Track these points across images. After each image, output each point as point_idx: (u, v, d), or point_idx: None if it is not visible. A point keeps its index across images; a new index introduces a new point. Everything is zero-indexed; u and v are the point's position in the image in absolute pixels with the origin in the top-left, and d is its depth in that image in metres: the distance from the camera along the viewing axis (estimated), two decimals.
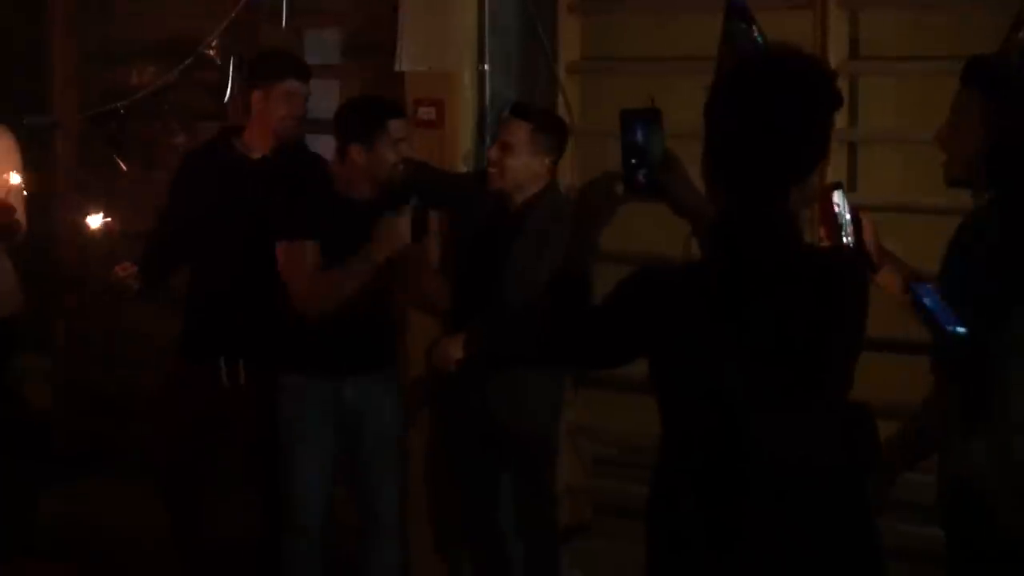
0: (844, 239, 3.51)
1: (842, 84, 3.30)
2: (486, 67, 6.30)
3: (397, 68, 6.32)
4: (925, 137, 4.21)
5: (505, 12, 6.37)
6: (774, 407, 3.12)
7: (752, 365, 3.11)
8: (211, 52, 6.85)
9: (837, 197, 3.51)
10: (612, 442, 6.61)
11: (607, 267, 3.46)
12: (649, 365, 3.26)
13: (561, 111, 6.33)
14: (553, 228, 5.49)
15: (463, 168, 6.25)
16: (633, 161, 3.32)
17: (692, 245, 3.40)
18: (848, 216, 3.52)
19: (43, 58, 7.97)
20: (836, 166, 5.08)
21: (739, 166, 3.17)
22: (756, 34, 4.87)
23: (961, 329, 3.64)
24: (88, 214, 6.17)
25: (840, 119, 3.58)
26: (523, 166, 5.65)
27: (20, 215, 6.26)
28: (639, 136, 3.31)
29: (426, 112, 6.28)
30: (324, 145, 6.05)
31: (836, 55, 5.69)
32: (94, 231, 6.14)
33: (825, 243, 3.58)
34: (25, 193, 6.30)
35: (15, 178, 6.22)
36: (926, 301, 3.65)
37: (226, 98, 6.84)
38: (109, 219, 6.15)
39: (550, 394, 5.78)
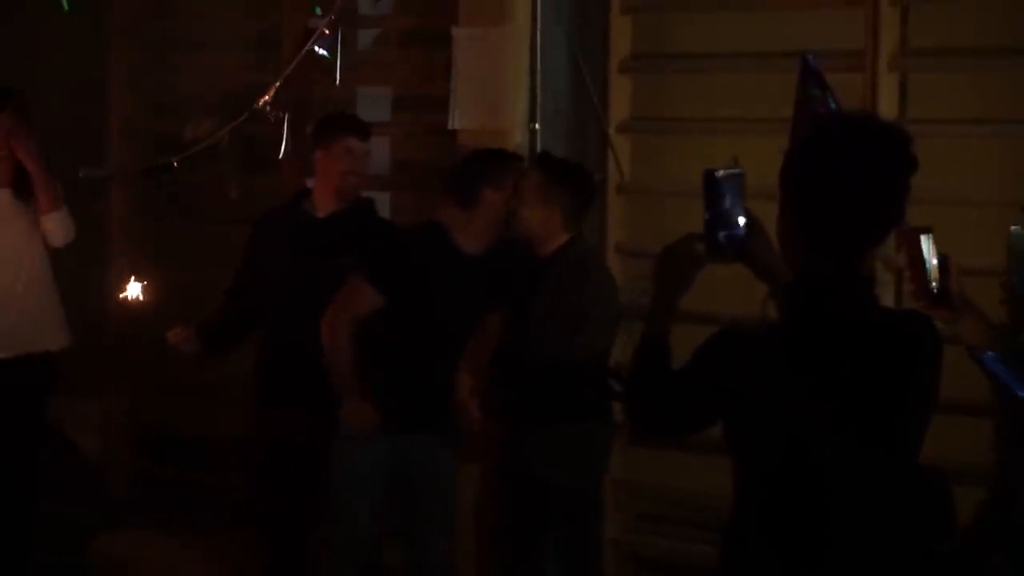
0: (929, 284, 3.46)
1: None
2: (536, 126, 6.36)
3: (450, 126, 6.39)
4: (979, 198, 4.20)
5: (556, 71, 6.43)
6: (853, 466, 3.12)
7: (831, 424, 3.12)
8: (266, 107, 6.90)
9: (924, 242, 3.47)
10: (654, 498, 6.62)
11: (683, 327, 3.43)
12: (724, 425, 3.25)
13: (611, 169, 6.38)
14: (573, 283, 5.55)
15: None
16: (716, 222, 3.26)
17: (769, 307, 3.39)
18: (935, 261, 3.47)
19: (101, 110, 8.05)
20: None
21: (818, 228, 3.18)
22: (830, 99, 4.91)
23: None
24: (123, 285, 6.28)
25: None
26: (533, 214, 5.65)
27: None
28: (722, 196, 3.26)
29: None
30: (377, 203, 6.15)
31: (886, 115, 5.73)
32: (133, 300, 6.24)
33: (911, 286, 3.54)
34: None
35: None
36: (993, 368, 3.60)
37: (280, 153, 6.91)
38: (144, 283, 6.24)
39: (593, 447, 5.78)
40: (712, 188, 3.27)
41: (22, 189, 6.34)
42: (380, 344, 5.63)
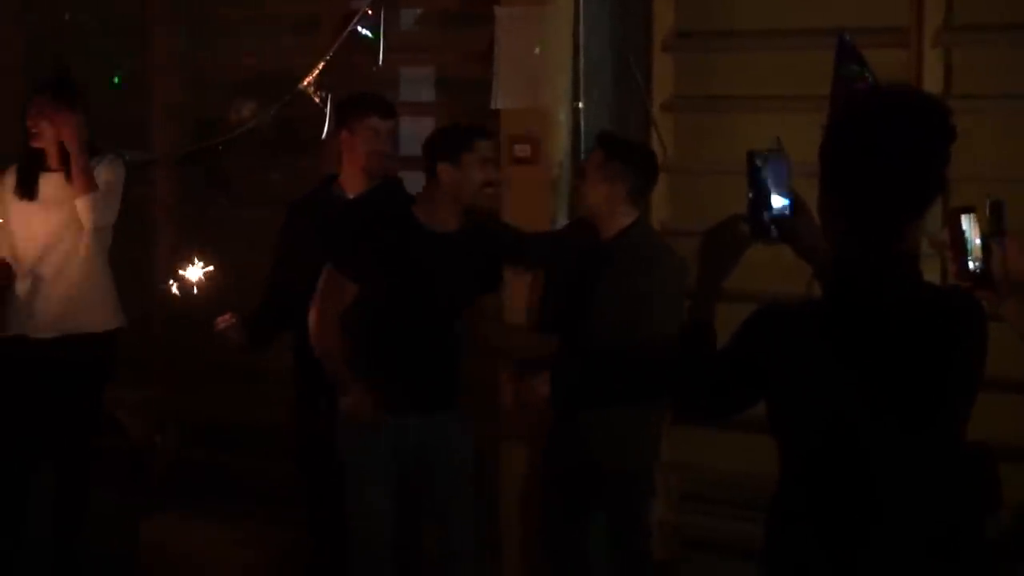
0: (970, 264, 3.44)
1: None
2: (580, 105, 6.35)
3: (493, 106, 6.39)
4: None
5: (600, 50, 6.42)
6: (897, 445, 3.11)
7: (874, 403, 3.10)
8: (309, 89, 6.91)
9: (964, 221, 3.44)
10: (700, 478, 6.62)
11: (725, 306, 3.42)
12: (767, 405, 3.24)
13: (655, 148, 6.37)
14: (638, 266, 5.52)
15: (558, 204, 6.28)
16: (759, 204, 3.26)
17: (815, 287, 3.37)
18: (977, 241, 3.44)
19: (145, 93, 8.09)
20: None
21: (856, 204, 3.16)
22: (868, 75, 4.89)
23: None
24: (186, 265, 6.30)
25: None
26: (596, 193, 5.63)
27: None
28: (765, 177, 3.26)
29: (521, 149, 6.33)
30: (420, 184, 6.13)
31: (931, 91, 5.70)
32: (195, 283, 6.27)
33: (952, 266, 3.52)
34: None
35: None
36: None
37: (323, 134, 6.92)
38: (210, 267, 6.27)
39: (646, 431, 5.77)
40: (755, 169, 3.27)
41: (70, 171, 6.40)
42: (368, 329, 5.60)
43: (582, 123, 6.30)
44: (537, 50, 6.29)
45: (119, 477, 7.23)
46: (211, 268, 6.29)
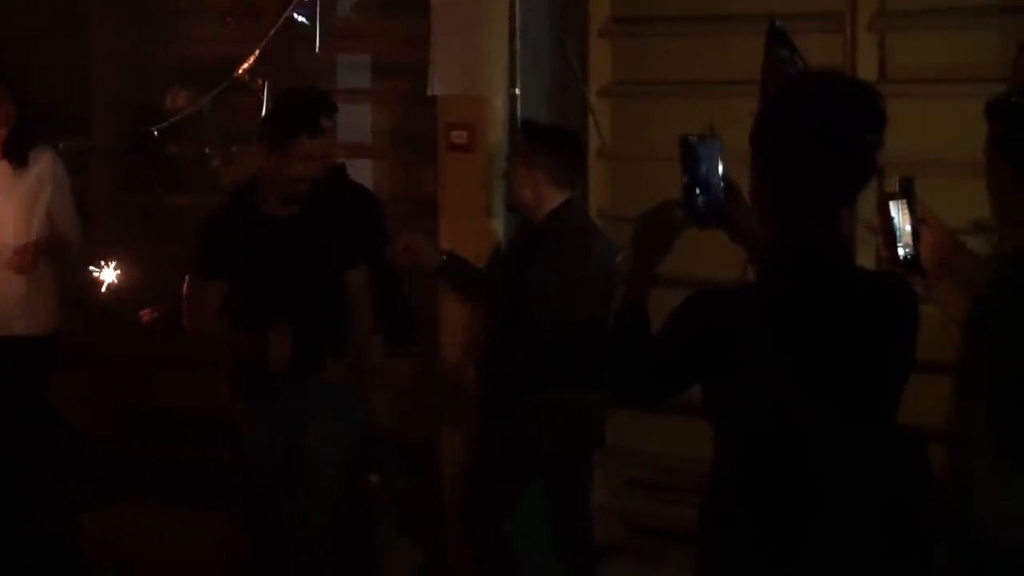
0: (900, 251, 3.45)
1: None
2: (517, 91, 6.34)
3: (429, 92, 6.37)
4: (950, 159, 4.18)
5: (536, 37, 6.40)
6: (834, 429, 3.13)
7: (811, 388, 3.12)
8: (245, 77, 6.88)
9: (893, 208, 3.46)
10: (644, 463, 6.63)
11: (660, 290, 3.43)
12: (703, 390, 3.25)
13: (592, 134, 6.37)
14: (569, 244, 5.56)
15: (494, 191, 6.28)
16: (693, 188, 3.27)
17: (749, 271, 3.38)
18: (907, 227, 3.46)
19: (83, 81, 8.03)
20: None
21: (789, 188, 3.18)
22: (799, 60, 4.91)
23: None
24: (99, 267, 6.27)
25: None
26: (520, 181, 5.69)
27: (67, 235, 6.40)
28: (699, 163, 3.27)
29: (458, 136, 6.32)
30: (358, 170, 6.13)
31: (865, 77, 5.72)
32: (109, 285, 6.23)
33: (883, 252, 3.53)
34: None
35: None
36: None
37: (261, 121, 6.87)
38: (119, 271, 6.24)
39: (586, 417, 5.78)
40: (689, 154, 3.28)
41: (17, 160, 6.37)
42: (246, 319, 5.57)
43: (519, 110, 6.30)
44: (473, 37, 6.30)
45: (61, 468, 7.19)
46: (145, 256, 6.23)
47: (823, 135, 3.13)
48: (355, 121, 6.58)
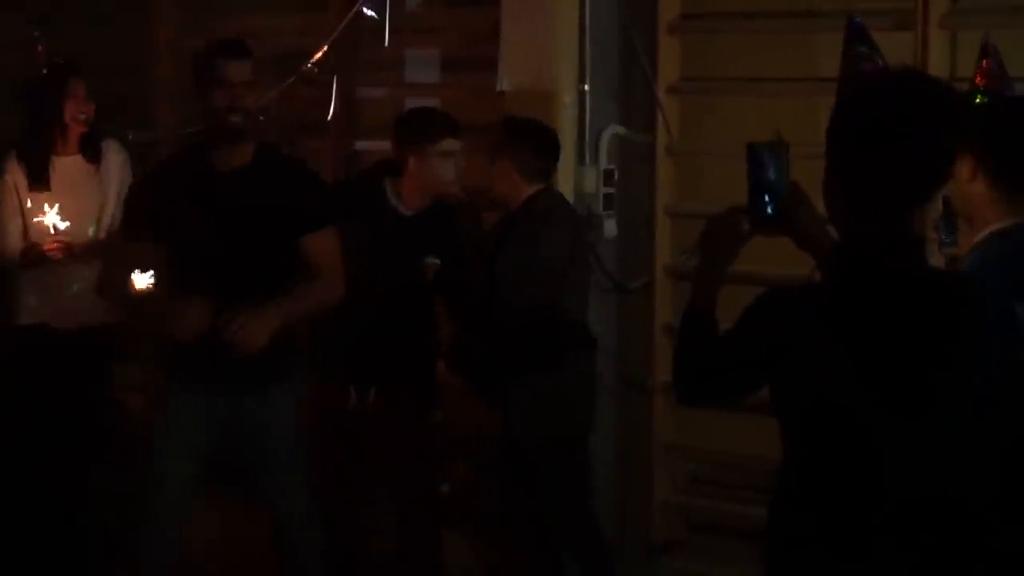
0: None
1: None
2: (586, 87, 6.35)
3: (499, 88, 6.39)
4: None
5: (606, 33, 6.42)
6: (898, 429, 3.11)
7: (875, 387, 3.09)
8: (314, 70, 6.90)
9: (766, 157, 3.41)
10: (706, 459, 6.63)
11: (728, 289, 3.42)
12: (771, 387, 3.23)
13: (659, 130, 6.37)
14: (530, 234, 5.69)
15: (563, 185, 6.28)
16: (760, 195, 3.25)
17: (816, 276, 3.36)
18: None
19: (148, 74, 8.08)
20: None
21: (863, 186, 3.15)
22: (878, 57, 4.89)
23: None
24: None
25: None
26: (495, 171, 5.86)
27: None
28: (766, 169, 3.25)
29: None
30: None
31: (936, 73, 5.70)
32: (140, 291, 6.19)
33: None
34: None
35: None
36: None
37: (329, 115, 6.91)
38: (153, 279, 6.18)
39: (564, 401, 5.82)
40: (755, 160, 3.26)
41: (91, 155, 6.44)
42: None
43: (587, 105, 6.30)
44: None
45: (119, 455, 7.23)
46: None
47: (899, 135, 3.11)
48: None
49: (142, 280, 5.91)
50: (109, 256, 5.52)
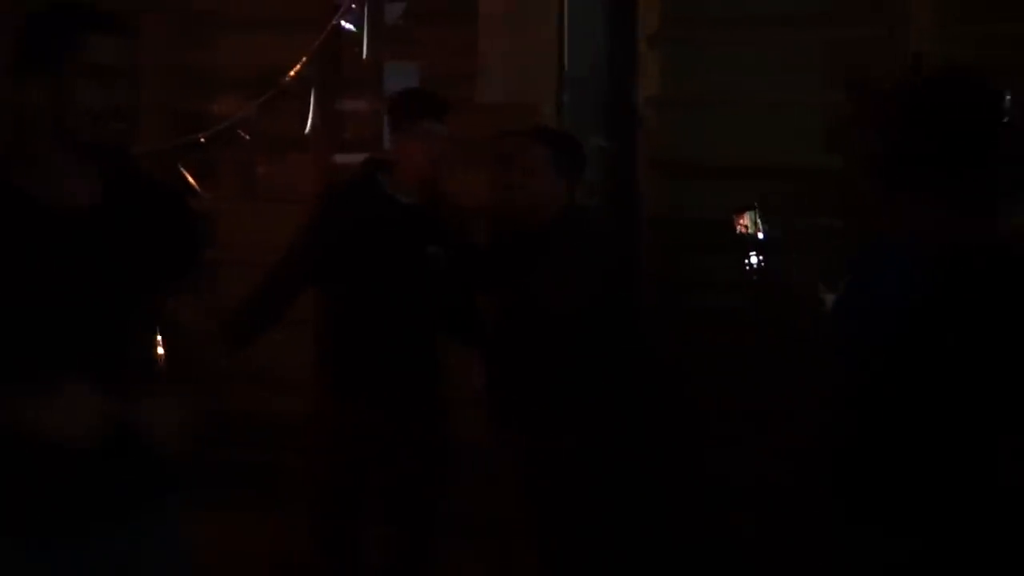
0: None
1: None
2: (566, 99, 6.33)
3: (477, 99, 6.37)
4: None
5: (585, 44, 6.40)
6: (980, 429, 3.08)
7: (978, 392, 3.07)
8: (292, 84, 6.90)
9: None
10: None
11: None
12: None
13: (641, 142, 6.37)
14: (579, 244, 5.47)
15: None
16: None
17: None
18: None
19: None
20: None
21: (957, 185, 3.12)
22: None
23: None
24: None
25: None
26: (542, 188, 5.51)
27: None
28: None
29: None
30: None
31: None
32: None
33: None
34: None
35: None
36: None
37: (307, 128, 6.89)
38: None
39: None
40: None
41: None
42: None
43: (565, 118, 6.29)
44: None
45: None
46: None
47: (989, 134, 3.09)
48: None
49: None
50: None
